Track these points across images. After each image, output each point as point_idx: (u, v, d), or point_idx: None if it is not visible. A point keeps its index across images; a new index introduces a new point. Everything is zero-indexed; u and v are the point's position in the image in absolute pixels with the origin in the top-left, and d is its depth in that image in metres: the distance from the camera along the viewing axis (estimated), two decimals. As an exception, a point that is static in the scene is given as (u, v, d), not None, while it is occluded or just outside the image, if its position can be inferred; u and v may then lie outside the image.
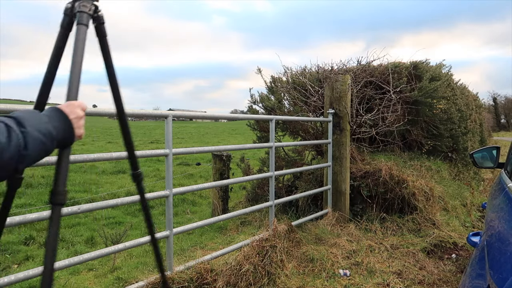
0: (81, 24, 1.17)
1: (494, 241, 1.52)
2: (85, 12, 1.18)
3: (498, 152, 2.91)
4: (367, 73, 5.48)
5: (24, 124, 0.83)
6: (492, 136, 22.56)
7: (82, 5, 1.18)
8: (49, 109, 0.97)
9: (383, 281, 3.14)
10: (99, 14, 1.23)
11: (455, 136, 6.42)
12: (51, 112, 0.94)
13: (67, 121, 0.95)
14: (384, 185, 4.44)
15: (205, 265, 2.88)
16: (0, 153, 0.77)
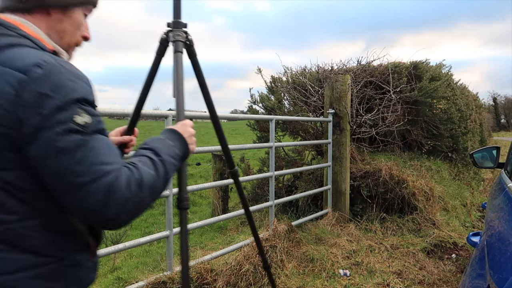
0: (178, 52, 1.32)
1: (494, 241, 1.52)
2: (180, 40, 1.33)
3: (498, 152, 2.91)
4: (367, 73, 5.49)
5: (160, 154, 0.92)
6: (492, 136, 22.56)
7: (176, 35, 1.33)
8: (167, 131, 1.06)
9: (383, 281, 3.14)
10: (189, 38, 1.38)
11: (455, 136, 6.42)
12: (171, 135, 1.04)
13: (183, 140, 1.04)
14: (384, 185, 4.45)
15: (205, 265, 2.88)
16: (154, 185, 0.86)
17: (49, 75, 0.76)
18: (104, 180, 0.77)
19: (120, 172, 0.80)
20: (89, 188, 0.76)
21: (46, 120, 0.74)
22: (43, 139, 0.75)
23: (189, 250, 3.98)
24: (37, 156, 0.76)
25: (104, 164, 0.78)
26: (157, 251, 4.15)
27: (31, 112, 0.74)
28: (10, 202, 0.78)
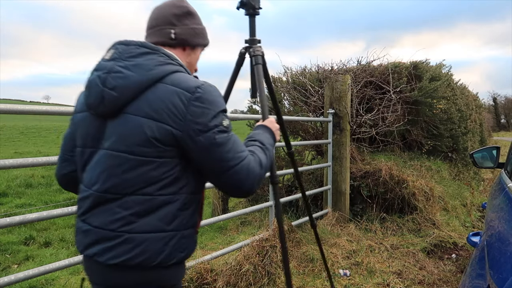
0: (258, 64, 1.68)
1: (494, 241, 1.52)
2: (259, 55, 1.69)
3: (498, 152, 2.91)
4: (367, 73, 5.49)
5: (264, 143, 1.26)
6: (492, 136, 22.55)
7: (256, 50, 1.69)
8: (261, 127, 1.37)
9: (383, 281, 3.14)
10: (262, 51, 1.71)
11: (455, 136, 6.42)
12: (264, 129, 1.35)
13: (272, 132, 1.36)
14: (384, 185, 4.44)
15: (205, 265, 2.88)
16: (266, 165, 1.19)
17: (206, 94, 1.08)
18: (244, 163, 1.10)
19: (250, 157, 1.13)
20: (236, 169, 1.08)
21: (207, 125, 1.07)
22: (205, 137, 1.06)
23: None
24: (200, 149, 1.07)
25: (241, 152, 1.11)
26: (157, 251, 4.15)
27: (196, 120, 1.06)
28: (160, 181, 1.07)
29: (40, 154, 13.43)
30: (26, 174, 8.57)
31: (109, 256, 1.06)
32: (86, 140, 1.15)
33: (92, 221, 1.10)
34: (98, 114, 1.11)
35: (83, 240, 1.13)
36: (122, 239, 1.06)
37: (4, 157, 12.07)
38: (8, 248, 4.58)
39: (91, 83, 1.11)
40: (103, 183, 1.08)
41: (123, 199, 1.07)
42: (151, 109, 1.05)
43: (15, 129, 29.68)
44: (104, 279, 1.12)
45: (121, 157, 1.07)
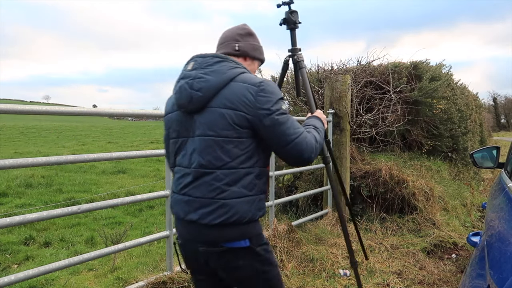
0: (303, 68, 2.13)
1: (494, 241, 1.52)
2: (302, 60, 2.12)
3: (498, 152, 2.91)
4: (367, 73, 5.49)
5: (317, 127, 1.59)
6: (492, 136, 22.53)
7: (299, 56, 2.11)
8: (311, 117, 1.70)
9: (383, 281, 3.14)
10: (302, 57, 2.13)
11: (455, 136, 6.42)
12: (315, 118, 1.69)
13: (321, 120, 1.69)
14: (384, 185, 4.44)
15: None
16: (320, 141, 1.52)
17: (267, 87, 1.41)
18: (302, 136, 1.42)
19: (305, 133, 1.45)
20: (296, 141, 1.40)
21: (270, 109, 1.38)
22: (270, 119, 1.38)
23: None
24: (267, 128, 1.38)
25: (298, 128, 1.43)
26: (157, 251, 4.15)
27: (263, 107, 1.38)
28: (240, 156, 1.39)
29: (40, 154, 13.43)
30: (26, 174, 8.57)
31: (211, 218, 1.37)
32: (179, 132, 1.49)
33: (193, 192, 1.42)
34: (187, 111, 1.45)
35: (185, 208, 1.44)
36: (218, 204, 1.37)
37: (4, 157, 12.07)
38: (8, 248, 4.58)
39: (180, 88, 1.44)
40: (199, 161, 1.40)
41: (215, 173, 1.39)
42: (228, 101, 1.39)
43: (15, 129, 29.66)
44: (206, 237, 1.41)
45: (211, 140, 1.39)
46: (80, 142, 19.14)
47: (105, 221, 5.81)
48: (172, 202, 1.51)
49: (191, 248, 1.48)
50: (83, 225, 5.63)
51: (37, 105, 2.14)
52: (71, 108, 2.33)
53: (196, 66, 1.45)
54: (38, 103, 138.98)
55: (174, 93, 1.49)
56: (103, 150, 15.15)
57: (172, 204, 1.51)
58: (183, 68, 1.50)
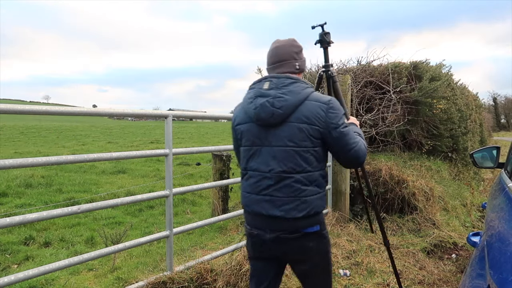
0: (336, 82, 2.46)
1: (494, 241, 1.52)
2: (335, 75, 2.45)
3: (498, 152, 2.91)
4: (367, 73, 5.48)
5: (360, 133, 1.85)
6: (492, 136, 22.54)
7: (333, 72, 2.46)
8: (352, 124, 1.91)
9: (383, 281, 3.14)
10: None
11: (455, 136, 6.42)
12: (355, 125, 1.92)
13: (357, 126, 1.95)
14: (384, 185, 4.44)
15: (205, 265, 2.88)
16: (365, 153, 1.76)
17: (334, 104, 1.68)
18: (359, 144, 1.72)
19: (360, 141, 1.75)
20: (356, 148, 1.70)
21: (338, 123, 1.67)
22: (338, 131, 1.67)
23: (189, 250, 3.98)
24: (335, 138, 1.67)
25: (355, 138, 1.73)
26: (157, 251, 4.15)
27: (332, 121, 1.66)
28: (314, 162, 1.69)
29: (40, 154, 13.43)
30: (26, 174, 8.57)
31: (294, 213, 1.67)
32: (254, 141, 1.74)
33: (275, 193, 1.69)
34: (267, 125, 1.70)
35: (266, 206, 1.71)
36: (300, 201, 1.67)
37: (4, 157, 12.07)
38: (8, 248, 4.58)
39: (262, 105, 1.68)
40: (280, 167, 1.68)
41: (295, 176, 1.68)
42: (305, 117, 1.66)
43: (15, 129, 29.67)
44: (288, 227, 1.69)
45: (291, 150, 1.67)
46: (80, 142, 19.14)
47: (105, 221, 5.81)
48: (249, 201, 1.77)
49: (265, 238, 1.73)
50: (83, 225, 5.63)
51: (37, 105, 2.14)
52: (71, 108, 2.33)
53: (272, 86, 1.70)
54: (38, 103, 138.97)
55: (253, 108, 1.71)
56: (103, 150, 15.15)
57: (249, 203, 1.77)
58: (257, 86, 1.75)
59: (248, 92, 1.79)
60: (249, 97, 1.75)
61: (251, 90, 1.76)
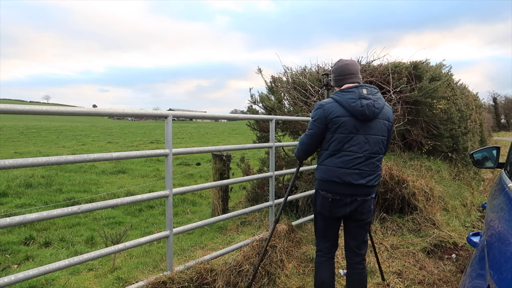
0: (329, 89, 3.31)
1: (494, 241, 1.51)
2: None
3: (498, 152, 2.91)
4: (367, 73, 5.48)
5: None
6: (492, 136, 22.55)
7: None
8: None
9: (383, 281, 3.13)
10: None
11: (455, 136, 6.41)
12: None
13: None
14: (384, 185, 4.44)
15: (205, 265, 2.88)
16: None
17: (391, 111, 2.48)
18: None
19: None
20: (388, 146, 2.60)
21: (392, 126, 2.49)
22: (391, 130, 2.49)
23: (189, 250, 3.97)
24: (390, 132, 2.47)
25: None
26: (157, 251, 4.15)
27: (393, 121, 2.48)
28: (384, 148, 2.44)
29: (40, 154, 13.43)
30: (26, 174, 8.58)
31: (373, 182, 2.36)
32: (351, 130, 2.30)
33: (364, 168, 2.33)
34: (364, 119, 2.29)
35: (356, 177, 2.31)
36: (377, 174, 2.39)
37: (4, 157, 12.07)
38: (8, 248, 4.58)
39: (368, 106, 2.27)
40: (371, 150, 2.33)
41: (377, 157, 2.36)
42: (386, 116, 2.39)
43: (15, 129, 29.67)
44: (366, 192, 2.36)
45: (379, 138, 2.36)
46: (80, 142, 19.14)
47: (105, 221, 5.82)
48: (342, 174, 2.32)
49: (347, 200, 2.34)
50: (83, 225, 5.63)
51: (37, 105, 2.13)
52: (71, 108, 2.33)
53: (369, 92, 2.32)
54: (38, 103, 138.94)
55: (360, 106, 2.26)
56: (103, 150, 15.15)
57: (342, 175, 2.31)
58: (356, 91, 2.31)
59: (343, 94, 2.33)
60: (350, 97, 2.29)
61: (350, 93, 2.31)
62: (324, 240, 2.53)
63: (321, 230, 2.53)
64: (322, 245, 2.54)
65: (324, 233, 2.52)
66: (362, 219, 2.41)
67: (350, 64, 2.47)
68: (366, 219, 2.43)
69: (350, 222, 2.46)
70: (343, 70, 2.45)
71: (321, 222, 2.50)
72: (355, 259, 2.49)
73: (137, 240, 2.66)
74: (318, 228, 2.55)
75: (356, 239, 2.49)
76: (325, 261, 2.52)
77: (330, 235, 2.51)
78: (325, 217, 2.45)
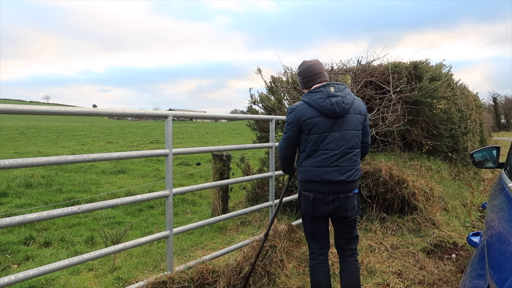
0: None
1: (494, 241, 1.51)
2: None
3: (498, 152, 2.91)
4: (367, 73, 5.48)
5: None
6: (492, 136, 22.55)
7: None
8: None
9: (383, 281, 3.14)
10: None
11: (455, 136, 6.41)
12: None
13: None
14: (384, 185, 4.44)
15: (207, 265, 2.88)
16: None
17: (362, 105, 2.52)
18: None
19: None
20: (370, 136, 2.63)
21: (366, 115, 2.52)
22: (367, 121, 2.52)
23: (189, 250, 3.97)
24: (366, 126, 2.51)
25: None
26: (157, 251, 4.15)
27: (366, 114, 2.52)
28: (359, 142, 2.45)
29: (40, 154, 13.43)
30: (26, 174, 8.57)
31: (353, 177, 2.37)
32: (324, 129, 2.33)
33: (342, 163, 2.34)
34: (336, 116, 2.32)
35: (335, 174, 2.33)
36: (356, 169, 2.40)
37: (4, 157, 12.06)
38: (8, 248, 4.58)
39: (337, 103, 2.31)
40: (346, 145, 2.35)
41: (353, 152, 2.38)
42: (357, 111, 2.41)
43: (15, 129, 29.66)
44: (347, 188, 2.37)
45: (354, 133, 2.38)
46: (80, 142, 19.14)
47: (105, 221, 5.81)
48: (321, 172, 2.33)
49: (329, 198, 2.36)
50: (83, 225, 5.63)
51: (37, 105, 2.13)
52: (71, 108, 2.33)
53: (336, 89, 2.36)
54: (38, 103, 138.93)
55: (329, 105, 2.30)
56: (103, 150, 15.15)
57: (321, 174, 2.33)
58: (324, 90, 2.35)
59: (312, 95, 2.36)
60: (319, 97, 2.33)
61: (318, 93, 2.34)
62: (313, 240, 2.56)
63: (309, 231, 2.56)
64: (313, 247, 2.57)
65: (312, 234, 2.55)
66: (347, 216, 2.43)
67: (315, 65, 2.49)
68: (350, 216, 2.45)
69: (337, 222, 2.51)
70: (309, 72, 2.47)
71: (308, 223, 2.54)
72: (347, 253, 2.56)
73: (137, 240, 2.66)
74: (306, 229, 2.59)
75: (345, 237, 2.55)
76: (318, 263, 2.55)
77: (319, 235, 2.54)
78: (310, 217, 2.49)
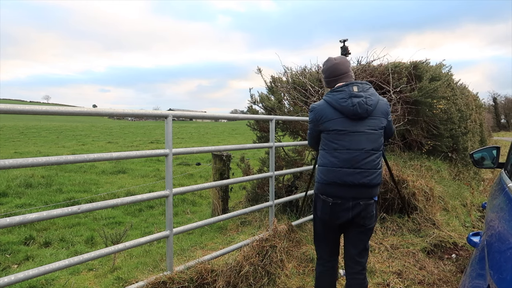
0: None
1: (494, 241, 1.51)
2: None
3: (498, 152, 2.91)
4: (367, 73, 5.48)
5: None
6: (492, 136, 22.55)
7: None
8: None
9: (383, 281, 3.14)
10: None
11: (455, 136, 6.41)
12: None
13: None
14: (384, 185, 4.44)
15: (206, 265, 2.88)
16: None
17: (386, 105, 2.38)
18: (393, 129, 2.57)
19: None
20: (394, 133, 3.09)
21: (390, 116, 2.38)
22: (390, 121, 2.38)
23: (189, 250, 3.97)
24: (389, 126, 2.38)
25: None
26: (157, 251, 4.15)
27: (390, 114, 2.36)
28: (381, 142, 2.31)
29: (40, 154, 13.43)
30: (26, 174, 8.57)
31: (375, 181, 2.25)
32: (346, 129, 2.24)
33: (364, 166, 2.23)
34: (357, 117, 2.23)
35: (358, 176, 2.21)
36: (378, 172, 2.27)
37: (4, 157, 12.07)
38: (8, 248, 4.58)
39: (359, 104, 2.21)
40: (368, 146, 2.23)
41: (376, 153, 2.27)
42: (381, 111, 2.30)
43: (15, 129, 29.66)
44: (368, 194, 2.27)
45: (376, 134, 2.27)
46: (80, 142, 19.14)
47: (105, 221, 5.81)
48: (342, 174, 2.23)
49: (349, 204, 2.24)
50: (83, 225, 5.63)
51: (37, 105, 2.13)
52: (71, 108, 2.33)
53: (360, 89, 2.26)
54: (38, 103, 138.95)
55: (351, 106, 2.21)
56: (103, 150, 15.14)
57: (342, 175, 2.23)
58: (347, 89, 2.26)
59: (334, 94, 2.28)
60: (341, 97, 2.24)
61: (340, 93, 2.25)
62: (323, 245, 2.44)
63: (320, 235, 2.43)
64: (322, 252, 2.45)
65: (323, 239, 2.42)
66: (365, 224, 2.28)
67: (340, 64, 2.36)
68: (368, 225, 2.30)
69: (352, 228, 2.33)
70: (333, 71, 2.36)
71: (321, 227, 2.40)
72: (356, 268, 2.34)
73: (137, 240, 2.66)
74: (317, 233, 2.46)
75: (357, 247, 2.34)
76: (326, 270, 2.42)
77: (330, 241, 2.41)
78: (325, 222, 2.35)
